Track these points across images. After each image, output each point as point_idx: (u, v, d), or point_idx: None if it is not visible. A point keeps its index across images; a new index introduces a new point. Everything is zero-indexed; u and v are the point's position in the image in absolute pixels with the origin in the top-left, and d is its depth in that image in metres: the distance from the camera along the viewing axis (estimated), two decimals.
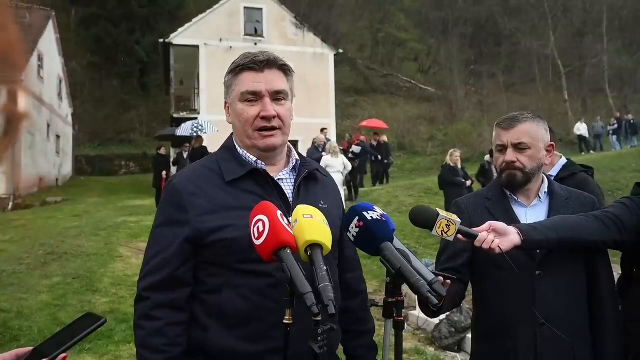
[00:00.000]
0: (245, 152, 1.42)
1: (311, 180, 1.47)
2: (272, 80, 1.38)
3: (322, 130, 12.05)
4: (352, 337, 1.53)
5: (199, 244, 1.33)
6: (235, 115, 1.42)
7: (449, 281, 1.43)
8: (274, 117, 1.36)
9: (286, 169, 1.45)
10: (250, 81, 1.37)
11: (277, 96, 1.38)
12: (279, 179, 1.41)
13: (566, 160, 2.69)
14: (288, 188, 1.41)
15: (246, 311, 1.29)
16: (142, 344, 1.32)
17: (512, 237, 1.52)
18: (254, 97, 1.37)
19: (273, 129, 1.37)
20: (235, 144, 1.45)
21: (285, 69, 1.42)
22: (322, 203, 1.42)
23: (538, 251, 1.65)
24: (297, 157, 1.48)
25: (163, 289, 1.33)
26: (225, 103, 1.48)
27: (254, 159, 1.40)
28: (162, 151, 13.44)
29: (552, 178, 2.54)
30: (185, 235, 1.33)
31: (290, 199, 1.39)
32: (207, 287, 1.35)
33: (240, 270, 1.29)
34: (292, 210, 1.22)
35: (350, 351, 1.55)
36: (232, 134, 1.50)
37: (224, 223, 1.30)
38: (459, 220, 1.48)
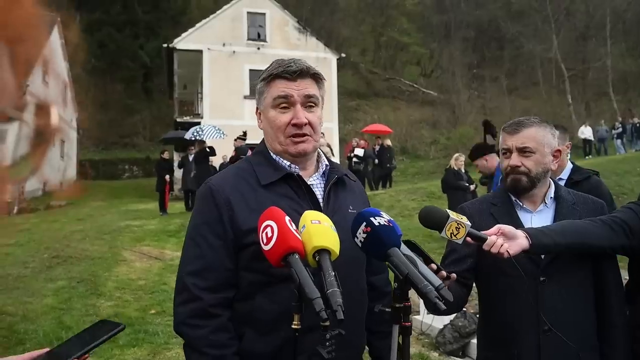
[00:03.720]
0: (278, 157, 1.45)
1: (340, 186, 1.50)
2: (304, 87, 1.41)
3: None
4: (377, 338, 1.54)
5: (238, 247, 1.35)
6: (267, 122, 1.44)
7: (454, 275, 1.44)
8: (305, 125, 1.39)
9: (316, 174, 1.48)
10: (282, 87, 1.40)
11: (308, 101, 1.41)
12: (310, 184, 1.44)
13: (572, 164, 2.68)
14: (318, 193, 1.44)
15: (280, 316, 1.29)
16: (204, 342, 1.29)
17: (520, 241, 1.52)
18: (286, 102, 1.40)
19: (304, 135, 1.40)
20: (268, 149, 1.48)
21: (317, 78, 1.44)
22: (352, 208, 1.44)
23: (542, 257, 1.64)
24: (327, 163, 1.51)
25: (214, 290, 1.33)
26: (257, 109, 1.51)
27: (288, 163, 1.43)
28: (165, 155, 13.49)
29: (564, 181, 2.53)
30: (227, 236, 1.34)
31: (321, 204, 1.41)
32: (240, 294, 1.36)
33: (274, 275, 1.29)
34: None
35: (376, 352, 1.56)
36: (262, 139, 1.52)
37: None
38: (469, 223, 1.48)
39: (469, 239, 1.49)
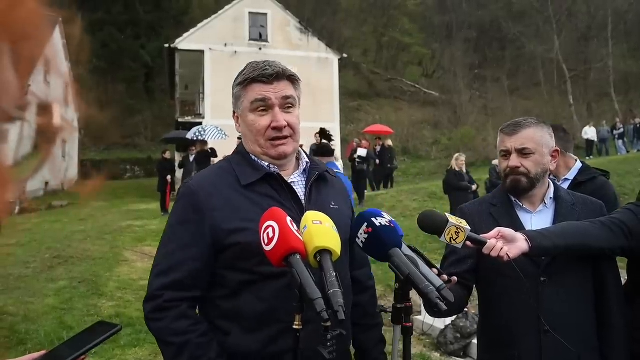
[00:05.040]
0: (257, 158, 1.45)
1: (321, 182, 1.50)
2: (281, 90, 1.41)
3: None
4: (361, 331, 1.55)
5: (218, 248, 1.34)
6: (246, 126, 1.45)
7: (455, 278, 1.44)
8: (284, 127, 1.40)
9: (297, 171, 1.49)
10: (259, 90, 1.41)
11: (286, 103, 1.42)
12: (291, 182, 1.44)
13: (582, 164, 2.64)
14: (300, 191, 1.45)
15: (266, 313, 1.30)
16: (167, 332, 1.31)
17: (520, 244, 1.52)
18: (264, 104, 1.40)
19: (284, 137, 1.41)
20: (247, 151, 1.48)
21: (292, 79, 1.45)
22: (333, 204, 1.46)
23: (543, 258, 1.65)
24: (307, 160, 1.52)
25: (176, 288, 1.33)
26: (234, 113, 1.51)
27: (267, 163, 1.44)
28: (167, 155, 13.54)
29: (570, 181, 2.51)
30: (203, 237, 1.34)
31: (303, 202, 1.42)
32: (226, 292, 1.36)
33: (260, 273, 1.31)
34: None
35: (360, 344, 1.57)
36: (241, 141, 1.53)
37: (242, 225, 1.32)
38: (469, 227, 1.48)
39: (468, 243, 1.49)
